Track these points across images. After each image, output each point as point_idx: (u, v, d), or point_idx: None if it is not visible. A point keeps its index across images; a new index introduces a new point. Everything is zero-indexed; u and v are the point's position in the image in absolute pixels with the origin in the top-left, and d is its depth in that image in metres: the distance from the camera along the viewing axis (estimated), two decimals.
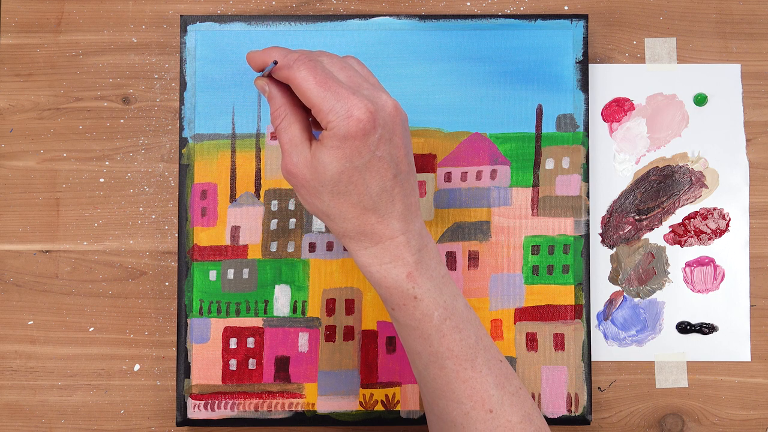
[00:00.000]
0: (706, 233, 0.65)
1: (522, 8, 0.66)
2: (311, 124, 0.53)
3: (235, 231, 0.63)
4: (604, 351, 0.64)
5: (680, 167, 0.65)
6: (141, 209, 0.65)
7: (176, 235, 0.65)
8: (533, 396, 0.62)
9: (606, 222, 0.65)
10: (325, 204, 0.50)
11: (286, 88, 0.52)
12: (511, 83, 0.64)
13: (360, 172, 0.49)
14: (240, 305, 0.63)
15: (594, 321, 0.64)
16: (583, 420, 0.62)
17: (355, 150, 0.48)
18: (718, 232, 0.65)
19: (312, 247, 0.63)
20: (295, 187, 0.51)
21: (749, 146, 0.65)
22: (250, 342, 0.63)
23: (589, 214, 0.63)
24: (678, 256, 0.65)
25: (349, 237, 0.51)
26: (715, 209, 0.65)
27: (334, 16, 0.64)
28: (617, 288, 0.65)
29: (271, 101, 0.52)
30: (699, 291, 0.64)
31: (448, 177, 0.63)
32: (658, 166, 0.65)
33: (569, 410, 0.62)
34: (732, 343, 0.64)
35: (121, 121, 0.66)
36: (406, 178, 0.51)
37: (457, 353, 0.51)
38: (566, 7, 0.66)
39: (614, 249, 0.65)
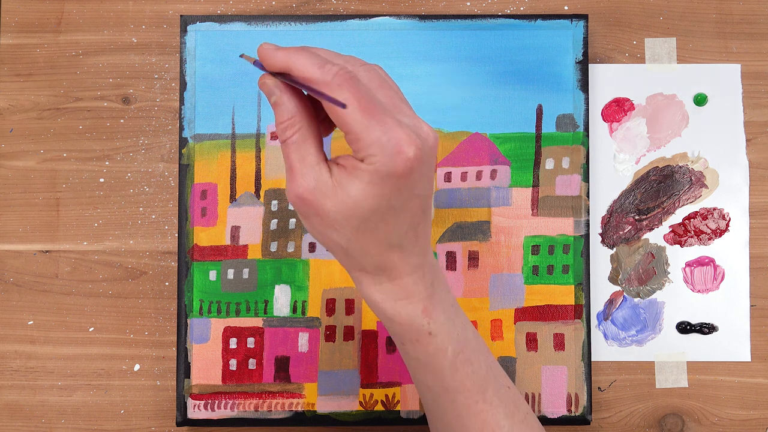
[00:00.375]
0: (706, 233, 0.65)
1: (522, 8, 0.66)
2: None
3: (235, 231, 0.63)
4: (604, 351, 0.64)
5: (680, 167, 0.65)
6: (141, 209, 0.65)
7: (176, 235, 0.65)
8: (533, 396, 0.62)
9: (606, 222, 0.65)
10: (345, 239, 0.45)
11: (298, 92, 0.45)
12: (511, 83, 0.64)
13: (395, 211, 0.44)
14: (240, 305, 0.63)
15: (594, 321, 0.64)
16: (583, 420, 0.62)
17: (395, 189, 0.43)
18: (718, 232, 0.65)
19: (312, 247, 0.63)
20: (305, 214, 0.45)
21: (749, 146, 0.65)
22: (250, 342, 0.63)
23: (589, 214, 0.63)
24: (678, 256, 0.65)
25: (365, 272, 0.47)
26: (715, 209, 0.65)
27: (334, 16, 0.64)
28: (617, 288, 0.65)
29: (279, 108, 0.45)
30: (699, 291, 0.64)
31: (448, 177, 0.63)
32: (658, 166, 0.65)
33: (569, 410, 0.62)
34: (732, 343, 0.64)
35: (121, 121, 0.66)
36: (429, 211, 0.47)
37: (469, 387, 0.49)
38: (566, 7, 0.66)
39: (614, 249, 0.65)
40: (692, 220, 0.65)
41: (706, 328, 0.64)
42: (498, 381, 0.50)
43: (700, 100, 0.65)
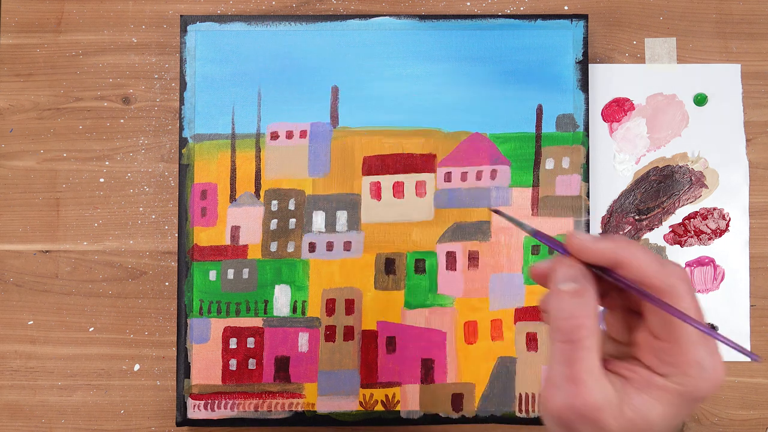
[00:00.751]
0: (706, 233, 0.65)
1: (522, 8, 0.66)
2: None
3: (235, 231, 0.63)
4: None
5: (680, 167, 0.65)
6: (141, 209, 0.65)
7: (176, 235, 0.65)
8: (533, 396, 0.62)
9: (606, 222, 0.65)
10: None
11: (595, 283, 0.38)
12: (511, 83, 0.64)
13: (674, 428, 0.37)
14: (240, 305, 0.63)
15: None
16: None
17: (688, 410, 0.37)
18: (718, 232, 0.65)
19: (312, 247, 0.63)
20: (570, 429, 0.37)
21: (749, 146, 0.65)
22: (250, 342, 0.63)
23: (589, 214, 0.63)
24: (678, 256, 0.65)
25: None
26: (715, 209, 0.65)
27: (334, 16, 0.64)
28: None
29: (577, 300, 0.37)
30: (699, 291, 0.64)
31: (448, 177, 0.63)
32: (658, 166, 0.65)
33: None
34: None
35: (121, 121, 0.66)
36: None
37: None
38: (566, 7, 0.66)
39: None
40: (692, 220, 0.65)
41: None
42: None
43: (700, 100, 0.65)
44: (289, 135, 0.63)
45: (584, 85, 0.63)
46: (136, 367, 0.64)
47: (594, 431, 0.36)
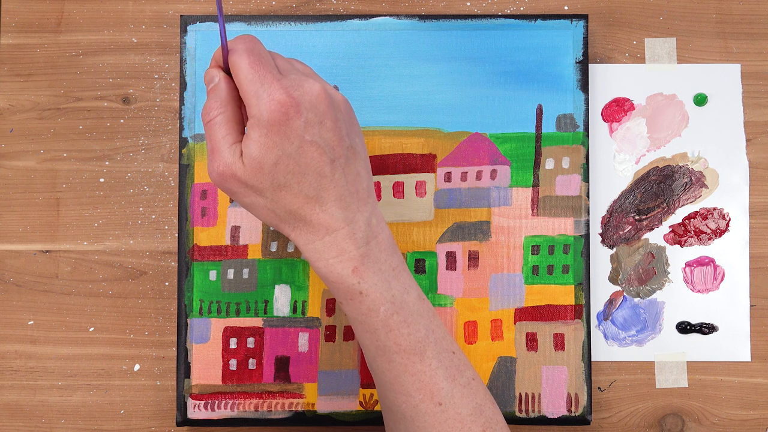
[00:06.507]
0: (706, 233, 0.65)
1: (522, 8, 0.66)
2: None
3: (235, 231, 0.63)
4: (604, 351, 0.64)
5: (680, 167, 0.65)
6: (141, 209, 0.65)
7: (176, 235, 0.65)
8: (533, 396, 0.62)
9: (606, 222, 0.65)
10: (269, 200, 0.49)
11: (234, 87, 0.50)
12: (511, 83, 0.64)
13: (294, 160, 0.47)
14: (240, 305, 0.63)
15: (594, 321, 0.64)
16: (583, 420, 0.62)
17: (283, 136, 0.47)
18: (718, 232, 0.65)
19: None
20: (229, 190, 0.49)
21: (749, 146, 0.65)
22: (250, 342, 0.63)
23: (589, 214, 0.63)
24: (678, 256, 0.65)
25: (296, 230, 0.50)
26: (715, 209, 0.65)
27: (334, 16, 0.64)
28: (617, 288, 0.65)
29: (213, 93, 0.49)
30: (699, 291, 0.64)
31: (448, 177, 0.63)
32: (658, 166, 0.65)
33: (569, 410, 0.62)
34: (732, 343, 0.64)
35: (121, 121, 0.66)
36: (347, 163, 0.49)
37: (405, 347, 0.50)
38: (566, 7, 0.66)
39: (614, 249, 0.65)
40: (692, 220, 0.65)
41: (706, 328, 0.64)
42: (440, 345, 0.52)
43: (700, 100, 0.65)
44: None
45: (584, 85, 0.63)
46: (136, 367, 0.64)
47: (237, 184, 0.48)
